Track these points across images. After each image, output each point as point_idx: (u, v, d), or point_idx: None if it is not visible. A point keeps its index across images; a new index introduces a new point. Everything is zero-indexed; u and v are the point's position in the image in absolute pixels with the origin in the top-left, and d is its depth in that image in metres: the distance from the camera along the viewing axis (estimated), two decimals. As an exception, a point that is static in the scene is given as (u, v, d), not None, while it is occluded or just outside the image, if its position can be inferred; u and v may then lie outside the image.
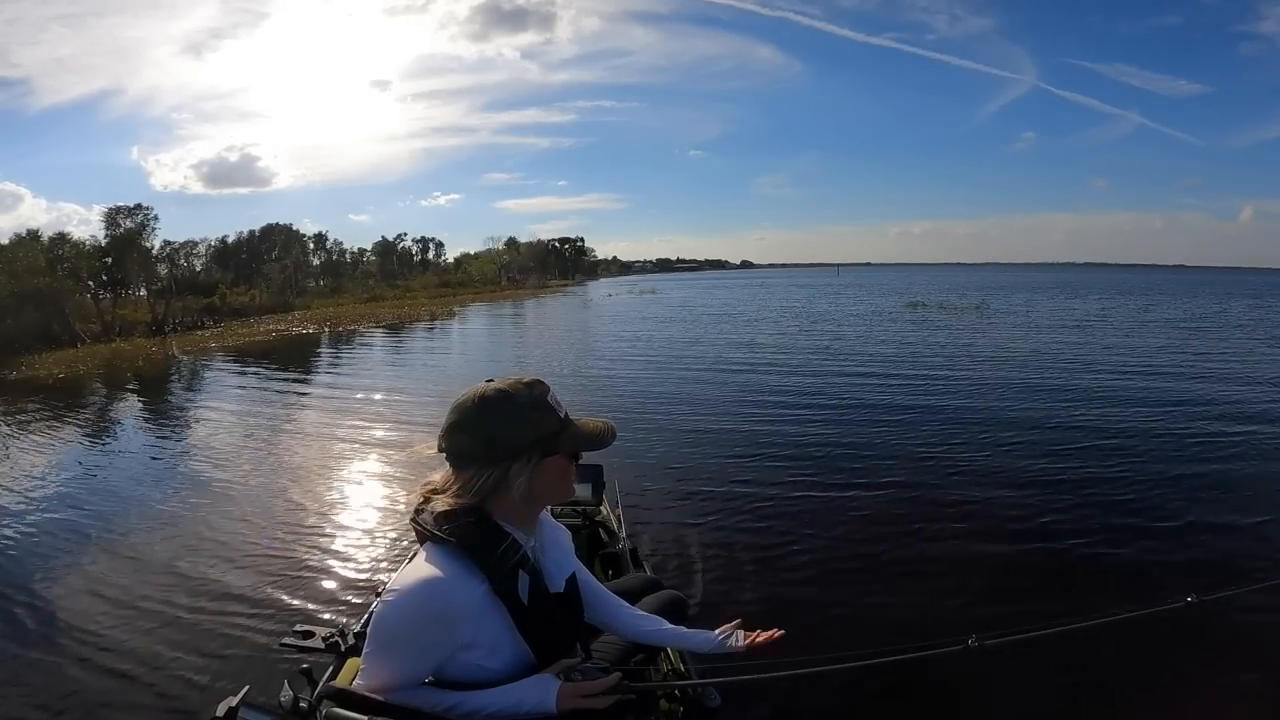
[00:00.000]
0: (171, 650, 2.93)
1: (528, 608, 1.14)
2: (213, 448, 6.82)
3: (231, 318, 29.01)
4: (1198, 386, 8.70)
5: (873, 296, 33.48)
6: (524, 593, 1.15)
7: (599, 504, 2.80)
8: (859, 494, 4.74)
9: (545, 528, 1.30)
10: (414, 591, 1.08)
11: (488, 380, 1.21)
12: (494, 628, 1.13)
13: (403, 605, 1.08)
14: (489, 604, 1.12)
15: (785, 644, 1.38)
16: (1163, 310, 23.29)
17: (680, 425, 6.99)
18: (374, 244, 65.29)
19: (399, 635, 1.09)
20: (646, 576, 1.95)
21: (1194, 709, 2.46)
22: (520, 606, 1.14)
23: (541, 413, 1.18)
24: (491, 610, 1.12)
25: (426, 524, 1.15)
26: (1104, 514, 4.31)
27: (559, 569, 1.28)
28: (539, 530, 1.27)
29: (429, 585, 1.08)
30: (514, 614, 1.14)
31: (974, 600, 3.27)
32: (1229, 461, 5.41)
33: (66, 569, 3.89)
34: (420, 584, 1.08)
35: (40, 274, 21.82)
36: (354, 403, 9.22)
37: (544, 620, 1.17)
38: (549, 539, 1.30)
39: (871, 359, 11.68)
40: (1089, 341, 13.82)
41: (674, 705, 1.49)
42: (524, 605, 1.14)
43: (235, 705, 1.12)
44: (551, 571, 1.25)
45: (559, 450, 1.19)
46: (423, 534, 1.16)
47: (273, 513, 4.73)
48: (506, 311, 30.97)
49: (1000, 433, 6.37)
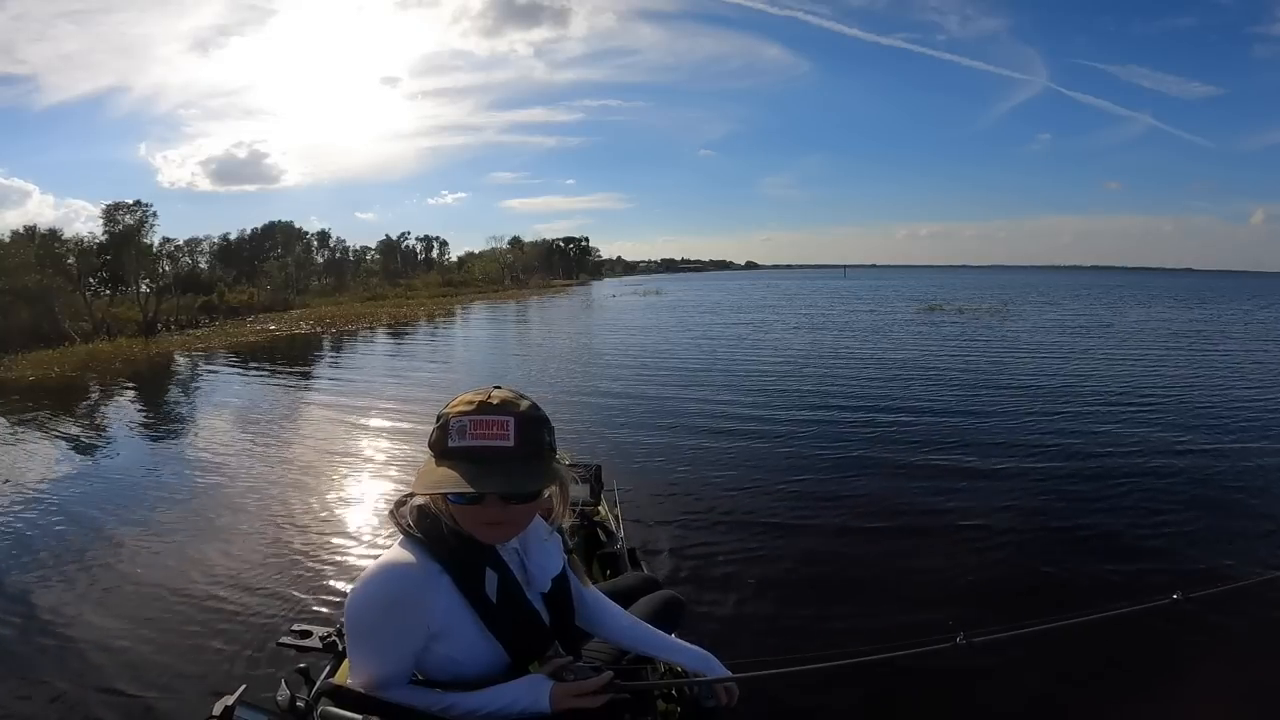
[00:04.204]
0: (167, 649, 2.93)
1: (496, 606, 1.13)
2: (192, 449, 6.76)
3: (229, 317, 28.56)
4: (1194, 391, 8.77)
5: (888, 299, 32.86)
6: (492, 591, 1.13)
7: (597, 504, 2.82)
8: (858, 493, 4.81)
9: (534, 533, 1.24)
10: (375, 580, 1.08)
11: (494, 385, 1.14)
12: (461, 622, 1.11)
13: (365, 594, 1.08)
14: (455, 598, 1.10)
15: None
16: (1169, 312, 23.07)
17: (680, 425, 6.96)
18: (378, 242, 65.29)
19: (365, 624, 1.08)
20: (644, 575, 1.96)
21: (1181, 705, 2.52)
22: (488, 604, 1.12)
23: (438, 425, 1.10)
24: (458, 605, 1.11)
25: (402, 518, 1.15)
26: (1095, 513, 4.40)
27: (543, 571, 1.24)
28: (524, 535, 1.22)
29: (389, 572, 1.08)
30: (481, 611, 1.12)
31: (967, 598, 3.30)
32: (1215, 462, 5.49)
33: (59, 570, 3.84)
34: (381, 571, 1.08)
35: (31, 271, 21.51)
36: (332, 403, 9.02)
37: (514, 620, 1.15)
38: (534, 541, 1.24)
39: (874, 361, 11.62)
40: (1091, 344, 13.82)
41: (671, 706, 1.49)
42: (492, 603, 1.12)
43: (232, 704, 1.11)
44: (535, 573, 1.23)
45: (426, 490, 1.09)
46: (398, 528, 1.15)
47: (268, 513, 4.69)
48: (507, 312, 30.63)
49: (996, 434, 6.51)
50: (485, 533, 1.11)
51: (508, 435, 1.05)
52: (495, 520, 1.09)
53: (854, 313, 23.66)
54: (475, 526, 1.10)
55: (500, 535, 1.13)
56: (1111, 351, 12.84)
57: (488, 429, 1.05)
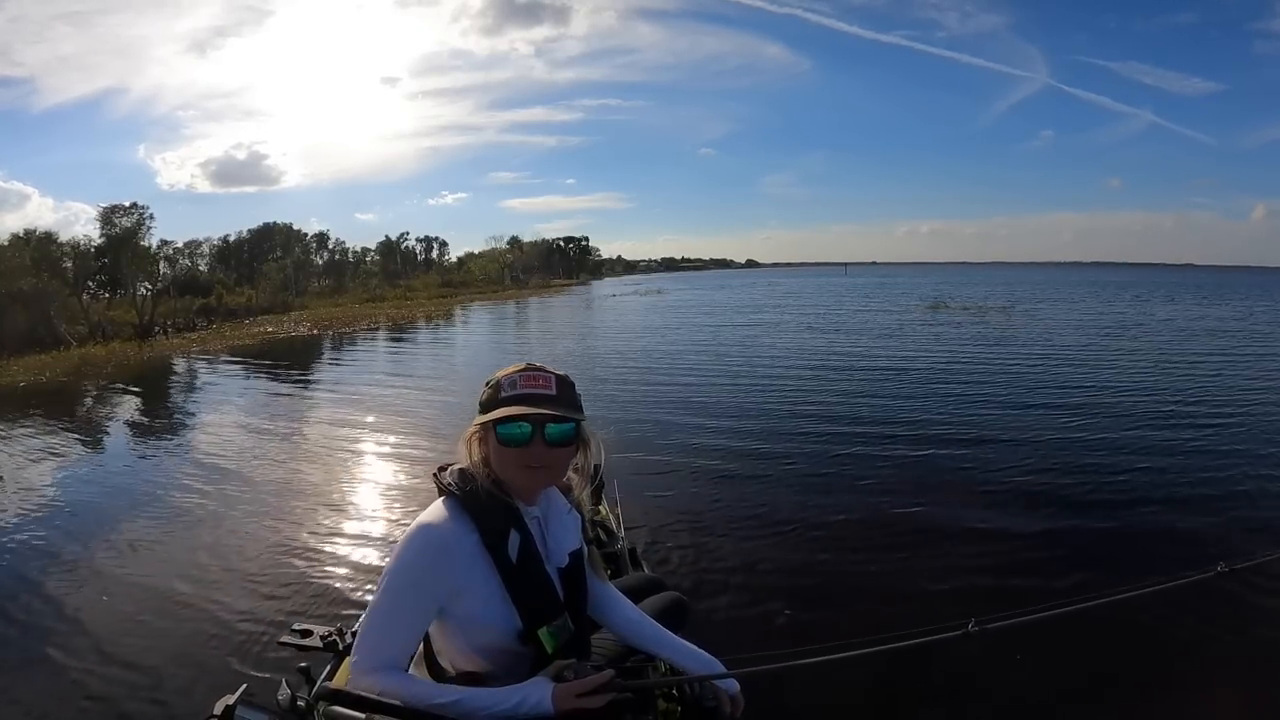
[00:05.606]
0: (168, 649, 2.92)
1: (515, 567, 1.20)
2: (189, 452, 6.75)
3: (227, 319, 28.36)
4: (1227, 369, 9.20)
5: (891, 297, 32.51)
6: (513, 551, 1.21)
7: (598, 503, 2.79)
8: (865, 491, 4.76)
9: (555, 505, 1.34)
10: (412, 534, 1.18)
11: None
12: (483, 580, 1.19)
13: (403, 545, 1.18)
14: (479, 555, 1.19)
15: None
16: (1193, 307, 22.88)
17: (680, 427, 6.92)
18: (378, 243, 65.08)
19: (397, 573, 1.16)
20: (648, 576, 1.99)
21: (1211, 686, 2.39)
22: (508, 564, 1.20)
23: (489, 386, 1.26)
24: (481, 562, 1.19)
25: (443, 480, 1.25)
26: (1122, 485, 4.48)
27: (560, 545, 1.31)
28: (547, 505, 1.32)
29: (424, 528, 1.18)
30: (502, 570, 1.19)
31: (982, 589, 3.25)
32: (1255, 433, 5.71)
33: (58, 571, 3.84)
34: (418, 527, 1.19)
35: (26, 275, 21.35)
36: (331, 404, 9.02)
37: (531, 584, 1.23)
38: (555, 515, 1.33)
39: (877, 358, 11.65)
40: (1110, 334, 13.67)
41: (671, 705, 1.48)
42: (512, 563, 1.20)
43: (233, 704, 1.13)
44: (553, 546, 1.30)
45: (487, 421, 1.22)
46: (438, 485, 1.25)
47: (266, 514, 4.66)
48: (506, 313, 30.47)
49: (1016, 415, 6.56)
50: (524, 477, 1.23)
51: (550, 386, 1.25)
52: (537, 462, 1.22)
53: (858, 312, 23.42)
54: (516, 471, 1.22)
55: (537, 480, 1.25)
56: (1161, 349, 12.39)
57: (534, 381, 1.24)
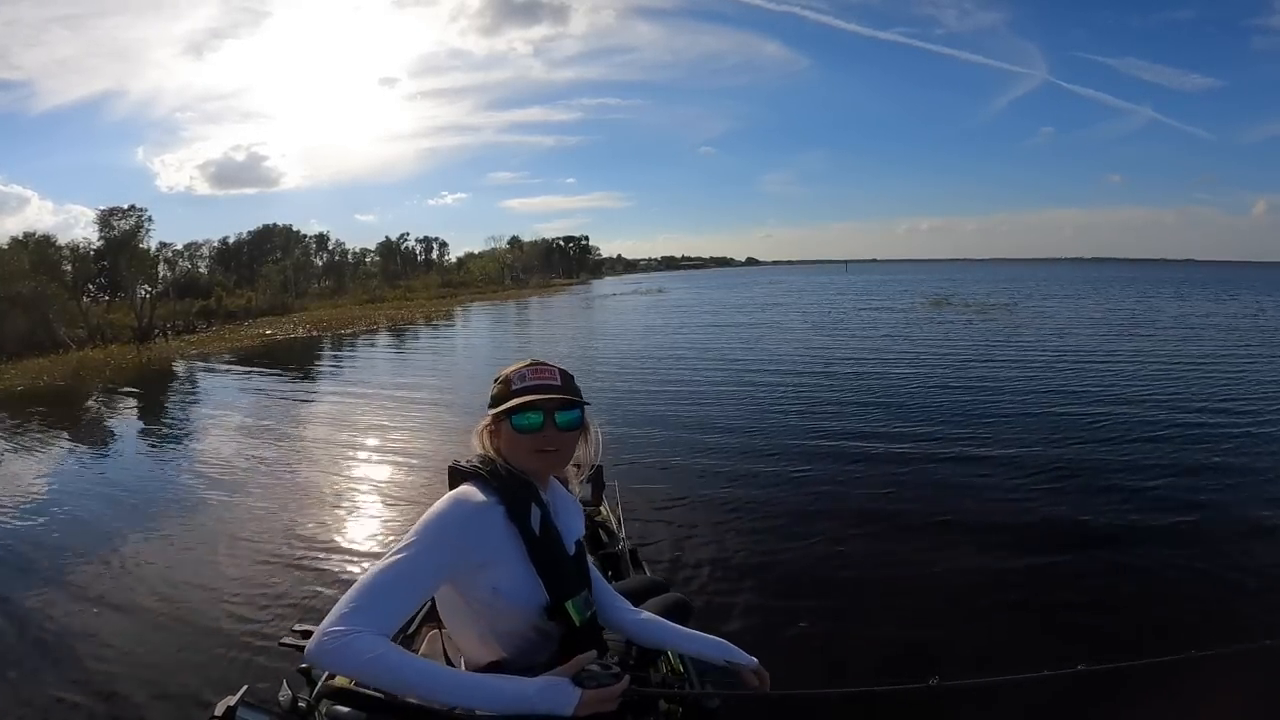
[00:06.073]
0: (169, 650, 2.93)
1: (538, 538, 1.26)
2: (189, 455, 6.76)
3: (227, 321, 28.30)
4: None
5: (893, 294, 32.31)
6: (535, 524, 1.27)
7: (599, 504, 2.82)
8: (868, 498, 4.66)
9: (559, 496, 1.42)
10: (444, 502, 1.23)
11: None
12: (509, 551, 1.24)
13: (432, 512, 1.21)
14: (506, 528, 1.24)
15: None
16: (1201, 304, 22.60)
17: (681, 428, 6.87)
18: (378, 244, 65.05)
19: (425, 531, 1.18)
20: (650, 578, 2.00)
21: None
22: (531, 535, 1.25)
23: (499, 382, 1.36)
24: (507, 535, 1.24)
25: (461, 466, 1.32)
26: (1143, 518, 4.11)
27: (568, 530, 1.37)
28: (553, 493, 1.39)
29: (457, 498, 1.24)
30: (528, 542, 1.25)
31: (978, 614, 3.04)
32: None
33: (59, 574, 3.84)
34: (449, 498, 1.24)
35: (25, 278, 21.31)
36: (329, 405, 9.02)
37: (555, 556, 1.28)
38: (560, 504, 1.40)
39: (879, 357, 11.53)
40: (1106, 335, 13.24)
41: (673, 705, 1.50)
42: (535, 534, 1.26)
43: (234, 704, 1.12)
44: (562, 530, 1.34)
45: (501, 412, 1.32)
46: (456, 474, 1.31)
47: (267, 515, 4.66)
48: (506, 313, 30.43)
49: (1033, 420, 6.53)
50: (537, 460, 1.30)
51: (555, 378, 1.36)
52: (548, 446, 1.30)
53: (861, 310, 23.32)
54: (528, 455, 1.30)
55: (549, 463, 1.32)
56: (1175, 350, 11.88)
57: (541, 374, 1.35)
